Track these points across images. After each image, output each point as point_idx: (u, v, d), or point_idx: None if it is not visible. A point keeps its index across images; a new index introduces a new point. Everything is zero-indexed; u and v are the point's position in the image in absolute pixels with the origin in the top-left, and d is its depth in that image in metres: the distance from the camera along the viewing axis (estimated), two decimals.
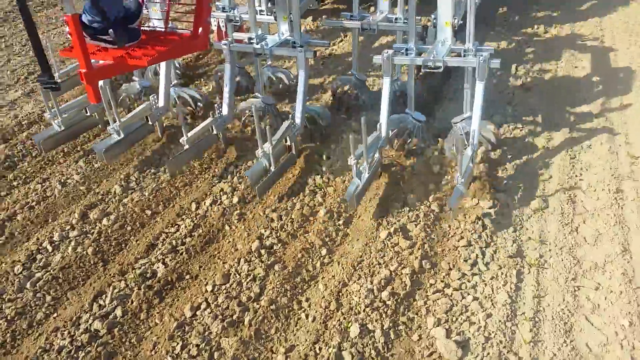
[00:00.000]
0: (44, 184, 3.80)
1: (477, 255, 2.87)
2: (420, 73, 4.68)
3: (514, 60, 5.08)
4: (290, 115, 3.73)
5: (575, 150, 3.70)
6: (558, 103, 4.31)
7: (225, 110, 3.94)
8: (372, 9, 4.57)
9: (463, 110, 3.60)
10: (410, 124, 3.70)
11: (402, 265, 2.84)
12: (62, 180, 3.80)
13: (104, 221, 3.36)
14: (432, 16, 3.74)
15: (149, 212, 3.42)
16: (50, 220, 3.45)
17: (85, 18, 3.21)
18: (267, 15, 4.29)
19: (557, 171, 3.49)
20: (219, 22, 5.01)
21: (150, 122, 4.09)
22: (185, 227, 3.26)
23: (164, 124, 4.27)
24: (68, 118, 4.13)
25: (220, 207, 3.40)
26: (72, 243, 3.20)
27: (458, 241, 2.98)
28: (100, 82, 4.14)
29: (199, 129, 3.76)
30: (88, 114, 4.29)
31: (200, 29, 3.47)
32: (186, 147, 3.68)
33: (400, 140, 3.68)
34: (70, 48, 3.27)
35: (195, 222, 3.29)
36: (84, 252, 3.11)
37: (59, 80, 4.21)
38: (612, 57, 5.02)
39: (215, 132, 3.87)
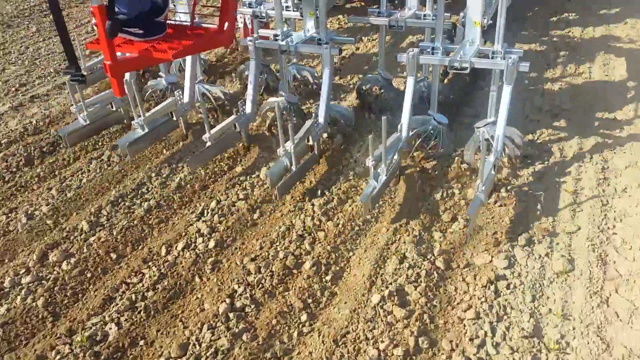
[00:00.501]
0: (9, 215, 3.53)
1: (485, 332, 2.47)
2: (448, 74, 4.62)
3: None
4: (313, 114, 3.69)
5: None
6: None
7: (248, 108, 3.93)
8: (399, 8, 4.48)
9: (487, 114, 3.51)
10: (432, 126, 3.63)
11: (394, 343, 2.44)
12: (29, 212, 3.51)
13: (64, 265, 3.05)
14: (461, 15, 3.65)
15: (114, 256, 3.11)
16: (6, 261, 3.15)
17: None
18: (293, 11, 4.27)
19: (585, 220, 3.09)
20: (245, 19, 5.02)
21: (174, 118, 4.11)
22: (150, 277, 2.93)
23: (188, 121, 4.29)
24: (93, 112, 4.18)
25: (194, 253, 3.06)
26: (23, 292, 2.88)
27: (464, 312, 2.57)
28: (127, 76, 4.22)
29: (222, 126, 3.76)
30: (113, 108, 4.33)
31: (226, 24, 3.45)
32: (208, 144, 3.68)
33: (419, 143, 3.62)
34: (97, 40, 3.30)
35: (163, 270, 2.96)
36: (34, 304, 2.80)
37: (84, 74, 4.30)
38: None
39: (238, 129, 3.86)
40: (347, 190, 3.45)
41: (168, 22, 3.59)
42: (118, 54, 3.24)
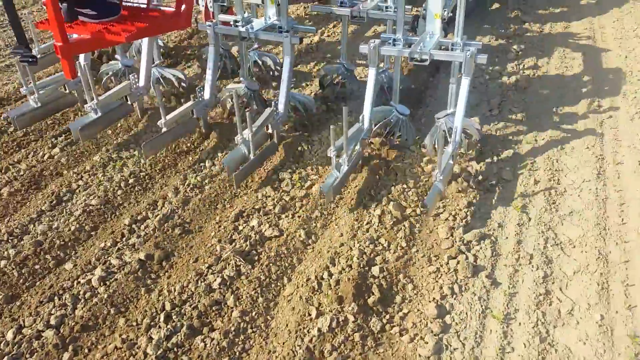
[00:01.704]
0: None
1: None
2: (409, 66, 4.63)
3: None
4: (273, 102, 3.64)
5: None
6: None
7: (207, 94, 3.84)
8: None
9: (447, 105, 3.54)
10: (394, 117, 3.63)
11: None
12: None
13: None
14: (423, 7, 3.66)
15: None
16: None
17: None
18: None
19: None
20: (206, 3, 4.91)
21: (129, 102, 3.99)
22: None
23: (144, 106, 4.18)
24: (45, 94, 4.02)
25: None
26: None
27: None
28: (81, 59, 4.07)
29: (179, 112, 3.67)
30: (66, 91, 4.18)
31: (183, 7, 3.36)
32: (164, 129, 3.58)
33: (381, 133, 3.62)
34: (46, 21, 3.16)
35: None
36: None
37: (38, 56, 4.13)
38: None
39: (195, 116, 3.77)
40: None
41: (123, 3, 3.46)
42: (70, 35, 3.11)
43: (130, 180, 3.46)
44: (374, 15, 4.05)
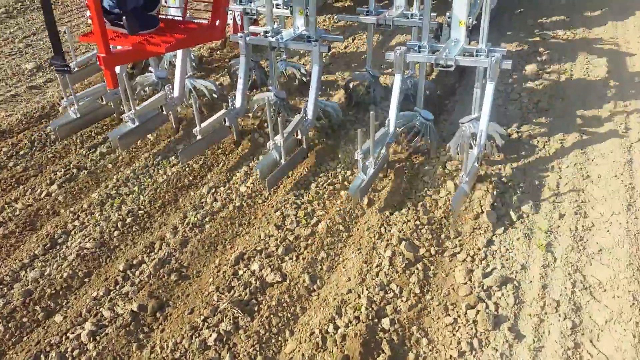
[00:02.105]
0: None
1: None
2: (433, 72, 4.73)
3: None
4: (302, 109, 3.77)
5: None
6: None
7: (238, 103, 3.99)
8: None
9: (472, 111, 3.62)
10: (419, 122, 3.73)
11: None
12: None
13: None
14: (447, 15, 3.76)
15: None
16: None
17: (106, 3, 3.28)
18: (283, 9, 4.34)
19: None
20: (234, 15, 5.09)
21: (164, 112, 4.16)
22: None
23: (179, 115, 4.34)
24: (84, 106, 4.22)
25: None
26: None
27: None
28: (117, 70, 4.26)
29: (212, 120, 3.82)
30: (104, 102, 4.37)
31: (217, 20, 3.51)
32: (199, 137, 3.74)
33: (407, 138, 3.72)
34: (90, 33, 3.35)
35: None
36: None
37: (75, 69, 4.35)
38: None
39: (227, 124, 3.92)
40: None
41: (160, 16, 3.64)
42: (111, 47, 3.29)
43: (128, 220, 3.31)
44: (399, 22, 4.16)
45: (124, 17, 3.20)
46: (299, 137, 3.72)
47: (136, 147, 4.07)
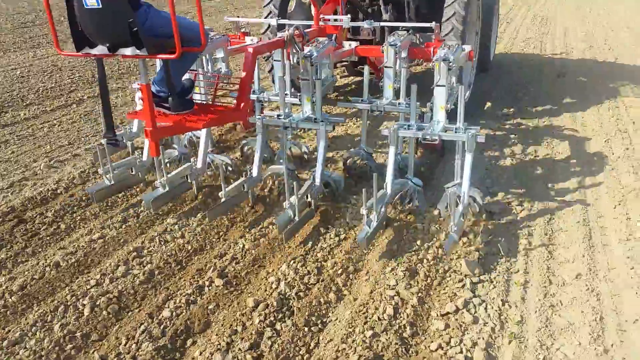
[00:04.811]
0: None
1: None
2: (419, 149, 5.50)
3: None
4: (311, 177, 4.44)
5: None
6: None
7: (255, 172, 4.66)
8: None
9: (454, 178, 4.33)
10: (410, 187, 4.41)
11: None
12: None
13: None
14: (429, 103, 4.55)
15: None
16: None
17: (153, 88, 4.01)
18: (292, 97, 5.15)
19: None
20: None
21: (189, 181, 4.80)
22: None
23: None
24: (117, 174, 4.84)
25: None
26: None
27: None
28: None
29: (234, 186, 4.46)
30: (133, 172, 5.00)
31: (242, 103, 4.26)
32: (223, 199, 4.36)
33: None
34: (135, 112, 4.06)
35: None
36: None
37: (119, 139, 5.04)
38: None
39: (246, 189, 4.56)
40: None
41: (194, 100, 4.39)
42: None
43: (86, 329, 3.25)
44: (389, 109, 4.97)
45: (169, 99, 3.93)
46: (309, 200, 4.36)
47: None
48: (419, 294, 3.44)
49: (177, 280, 3.74)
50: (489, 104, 7.46)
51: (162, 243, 4.17)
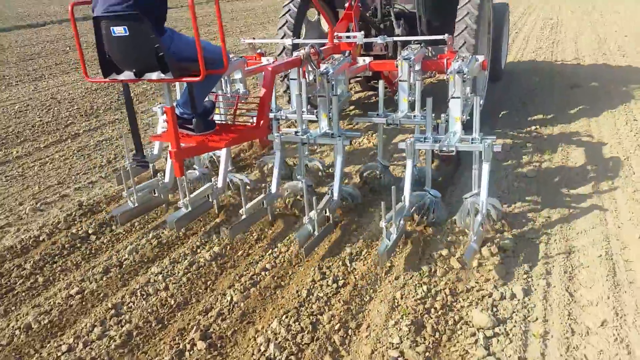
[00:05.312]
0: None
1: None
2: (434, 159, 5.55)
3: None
4: (330, 191, 4.52)
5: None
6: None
7: (273, 189, 4.74)
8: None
9: (472, 188, 4.38)
10: (428, 199, 4.46)
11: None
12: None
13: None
14: (443, 115, 4.61)
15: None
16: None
17: (177, 110, 4.14)
18: (308, 114, 5.25)
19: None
20: None
21: (210, 200, 4.90)
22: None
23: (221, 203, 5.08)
24: (140, 197, 4.96)
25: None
26: None
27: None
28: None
29: (254, 203, 4.54)
30: (156, 194, 5.12)
31: (262, 121, 4.37)
32: (244, 216, 4.44)
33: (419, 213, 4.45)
34: (158, 135, 4.18)
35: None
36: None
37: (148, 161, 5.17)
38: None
39: (265, 206, 4.64)
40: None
41: (215, 121, 4.51)
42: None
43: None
44: (404, 122, 5.04)
45: (193, 120, 4.05)
46: (328, 214, 4.43)
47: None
48: (426, 354, 3.09)
49: (157, 342, 3.38)
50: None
51: (144, 297, 3.85)
